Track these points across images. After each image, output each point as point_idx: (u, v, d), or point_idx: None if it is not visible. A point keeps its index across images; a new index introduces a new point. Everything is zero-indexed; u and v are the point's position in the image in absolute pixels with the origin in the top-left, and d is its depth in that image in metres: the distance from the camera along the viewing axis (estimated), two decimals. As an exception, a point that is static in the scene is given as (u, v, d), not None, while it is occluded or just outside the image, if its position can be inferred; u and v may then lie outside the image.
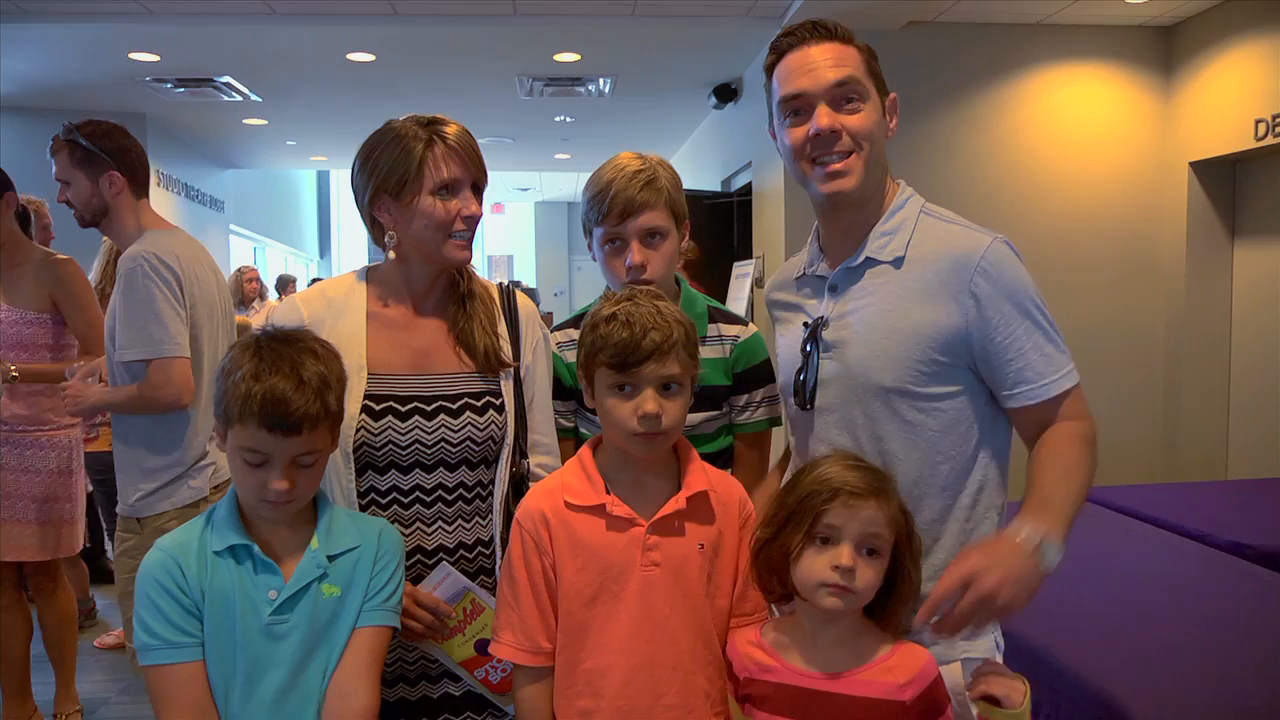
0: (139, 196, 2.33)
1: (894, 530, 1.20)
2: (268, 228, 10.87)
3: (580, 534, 1.29)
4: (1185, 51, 4.70)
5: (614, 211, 1.58)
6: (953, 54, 4.73)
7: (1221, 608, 2.40)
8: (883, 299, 1.34)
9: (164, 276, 2.14)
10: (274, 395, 1.18)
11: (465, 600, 1.46)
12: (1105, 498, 3.58)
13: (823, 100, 1.32)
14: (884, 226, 1.37)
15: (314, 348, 1.27)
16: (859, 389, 1.35)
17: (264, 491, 1.22)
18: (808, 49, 1.34)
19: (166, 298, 2.14)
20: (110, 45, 5.01)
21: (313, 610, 1.27)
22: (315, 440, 1.24)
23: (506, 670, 1.45)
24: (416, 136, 1.43)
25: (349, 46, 5.09)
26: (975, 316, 1.29)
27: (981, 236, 1.33)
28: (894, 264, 1.35)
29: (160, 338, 2.12)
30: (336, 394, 1.27)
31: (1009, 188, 4.81)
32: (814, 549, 1.20)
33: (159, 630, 1.22)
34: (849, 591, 1.18)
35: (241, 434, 1.21)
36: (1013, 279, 1.30)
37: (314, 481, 1.28)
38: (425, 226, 1.45)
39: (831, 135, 1.32)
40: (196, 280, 2.25)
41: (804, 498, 1.20)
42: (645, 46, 5.14)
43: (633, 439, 1.27)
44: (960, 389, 1.33)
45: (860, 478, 1.20)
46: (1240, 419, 4.68)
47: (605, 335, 1.26)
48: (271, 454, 1.21)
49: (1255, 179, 4.54)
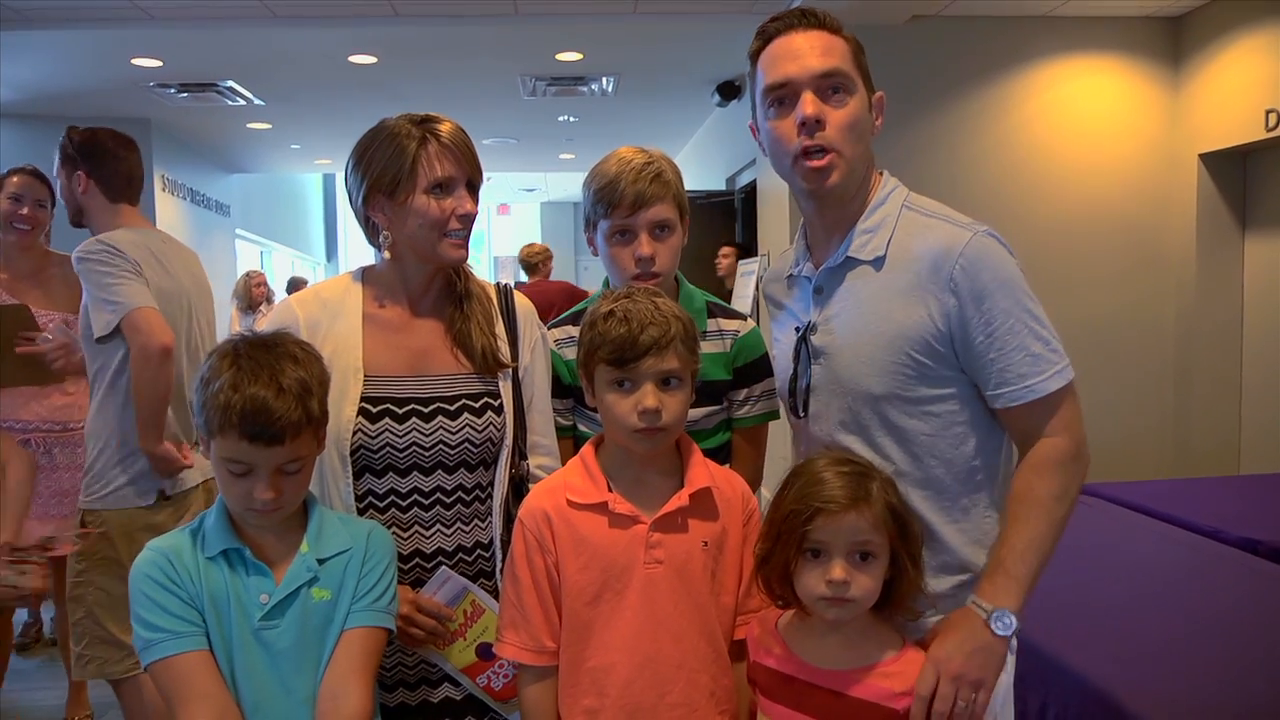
0: (114, 200, 2.38)
1: (884, 531, 1.20)
2: (274, 231, 10.89)
3: (583, 532, 1.28)
4: (1194, 42, 4.66)
5: (624, 204, 1.56)
6: (958, 48, 4.70)
7: (1233, 604, 2.38)
8: (864, 302, 1.32)
9: (114, 260, 2.20)
10: (254, 405, 1.16)
11: (465, 602, 1.45)
12: (1116, 493, 3.55)
13: (808, 89, 1.29)
14: (865, 224, 1.34)
15: (293, 352, 1.25)
16: (848, 396, 1.33)
17: (250, 501, 1.21)
18: (794, 36, 1.32)
19: (120, 272, 2.20)
20: (112, 51, 5.01)
21: (303, 614, 1.26)
22: (299, 448, 1.22)
23: (508, 676, 1.44)
24: (410, 135, 1.41)
25: (351, 49, 5.09)
26: (956, 315, 1.25)
27: (961, 231, 1.28)
28: (874, 264, 1.32)
29: (122, 298, 2.18)
30: (318, 398, 1.25)
31: (1017, 182, 4.78)
32: (808, 563, 1.21)
33: (160, 623, 1.20)
34: (847, 602, 1.19)
35: (224, 445, 1.19)
36: (994, 274, 1.25)
37: (300, 487, 1.27)
38: (420, 225, 1.43)
39: (816, 124, 1.28)
40: (164, 273, 2.32)
41: (788, 515, 1.21)
42: (648, 44, 5.12)
43: (634, 435, 1.26)
44: (952, 391, 1.30)
45: (841, 487, 1.19)
46: (1252, 412, 4.64)
47: (603, 331, 1.26)
48: (255, 464, 1.20)
49: (1266, 170, 4.50)
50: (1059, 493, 1.24)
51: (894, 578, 1.22)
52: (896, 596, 1.23)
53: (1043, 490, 1.24)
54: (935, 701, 1.17)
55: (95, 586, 2.24)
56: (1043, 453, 1.26)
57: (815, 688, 1.23)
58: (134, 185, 2.44)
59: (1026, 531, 1.22)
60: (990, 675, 1.18)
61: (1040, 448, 1.26)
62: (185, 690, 1.18)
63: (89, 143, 2.36)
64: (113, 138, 2.40)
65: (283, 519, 1.27)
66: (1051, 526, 1.23)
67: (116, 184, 2.38)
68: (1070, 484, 1.25)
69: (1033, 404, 1.25)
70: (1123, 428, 4.79)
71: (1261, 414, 4.57)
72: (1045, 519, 1.23)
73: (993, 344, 1.25)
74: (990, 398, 1.28)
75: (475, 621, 1.45)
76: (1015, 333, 1.24)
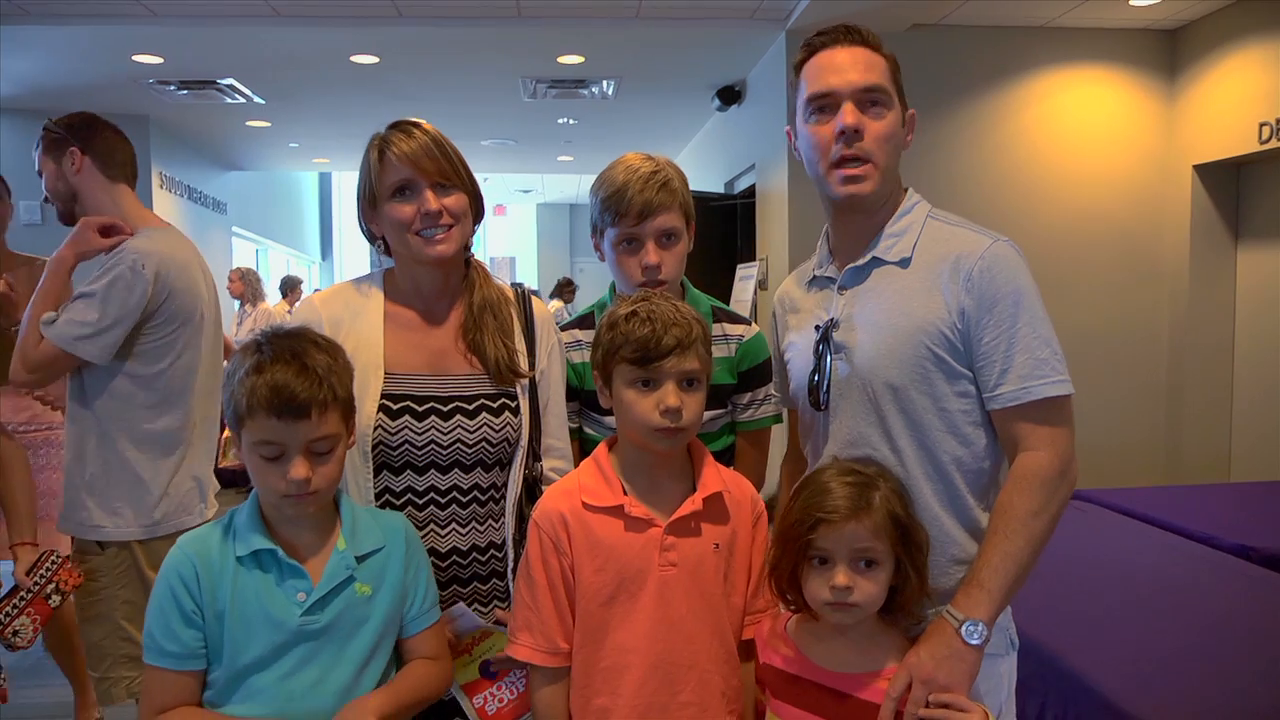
0: (113, 179, 2.18)
1: (887, 538, 1.23)
2: (270, 230, 10.87)
3: (599, 534, 1.30)
4: (1189, 55, 4.70)
5: (631, 212, 1.59)
6: (957, 57, 4.73)
7: (1227, 611, 2.40)
8: (888, 298, 1.36)
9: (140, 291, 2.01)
10: (279, 381, 1.19)
11: (476, 632, 1.47)
12: (1110, 500, 3.59)
13: (849, 100, 1.34)
14: (892, 229, 1.39)
15: (316, 339, 1.28)
16: (869, 389, 1.35)
17: (284, 485, 1.21)
18: (839, 50, 1.37)
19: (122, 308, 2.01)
20: (113, 47, 5.00)
21: (345, 609, 1.28)
22: (326, 424, 1.23)
23: (504, 702, 1.45)
24: (374, 145, 1.47)
25: (352, 48, 5.09)
26: (972, 315, 1.29)
27: (983, 238, 1.34)
28: (900, 264, 1.37)
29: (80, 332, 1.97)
30: (343, 381, 1.27)
31: (1013, 190, 4.81)
32: (814, 570, 1.24)
33: (158, 636, 1.23)
34: (851, 606, 1.22)
35: (253, 429, 1.21)
36: (1011, 279, 1.29)
37: (332, 474, 1.26)
38: (391, 229, 1.48)
39: (855, 134, 1.33)
40: (186, 289, 2.13)
41: (794, 524, 1.25)
42: (649, 48, 5.14)
43: (654, 434, 1.28)
44: (968, 389, 1.33)
45: (844, 497, 1.23)
46: (1243, 422, 4.69)
47: (626, 332, 1.28)
48: (285, 442, 1.21)
49: (1259, 182, 4.54)
50: (1037, 509, 1.26)
51: (899, 584, 1.25)
52: (901, 601, 1.26)
53: (1021, 506, 1.26)
54: (908, 704, 1.20)
55: (121, 600, 2.07)
56: (1025, 467, 1.28)
57: (822, 689, 1.26)
58: (131, 168, 2.24)
59: (1003, 545, 1.25)
60: (959, 681, 1.21)
61: (1024, 461, 1.28)
62: (154, 703, 1.23)
63: (78, 120, 2.17)
64: (105, 122, 2.21)
65: (317, 508, 1.27)
66: (1029, 542, 1.25)
67: (115, 161, 2.19)
68: (1050, 501, 1.27)
69: (1027, 407, 1.27)
70: (1115, 435, 4.83)
71: (1253, 423, 4.62)
72: (1022, 534, 1.25)
73: (999, 344, 1.28)
74: (988, 399, 1.31)
75: (482, 641, 1.46)
76: (1023, 337, 1.28)
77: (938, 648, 1.23)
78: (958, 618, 1.23)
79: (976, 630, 1.22)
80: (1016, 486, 1.27)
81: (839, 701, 1.25)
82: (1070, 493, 1.30)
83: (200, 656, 1.24)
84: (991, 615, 1.23)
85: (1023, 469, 1.28)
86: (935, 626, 1.26)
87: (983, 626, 1.22)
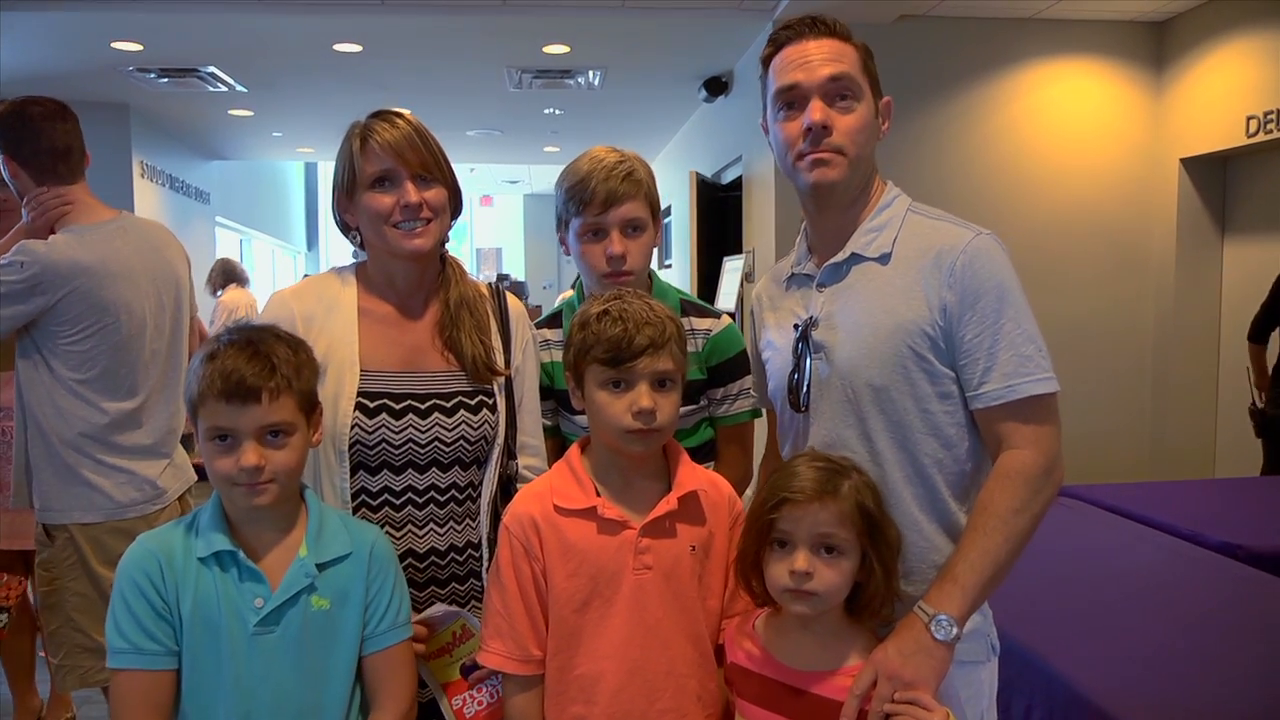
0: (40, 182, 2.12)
1: (852, 527, 1.19)
2: (255, 219, 10.77)
3: (571, 538, 1.27)
4: (1177, 47, 4.70)
5: (595, 201, 1.57)
6: (945, 48, 4.72)
7: (1214, 608, 2.39)
8: (868, 296, 1.33)
9: (16, 287, 1.98)
10: (229, 367, 1.18)
11: (456, 625, 1.44)
12: (1096, 496, 3.57)
13: (816, 94, 1.31)
14: (870, 224, 1.36)
15: (279, 333, 1.26)
16: (849, 389, 1.33)
17: (235, 474, 1.18)
18: (805, 43, 1.33)
19: (16, 290, 1.99)
20: (92, 34, 4.93)
21: (301, 623, 1.23)
22: (279, 410, 1.20)
23: (482, 705, 1.42)
24: (354, 134, 1.44)
25: (336, 37, 5.03)
26: (954, 310, 1.27)
27: (965, 231, 1.31)
28: (880, 260, 1.34)
29: None
30: (301, 374, 1.24)
31: (1000, 182, 4.81)
32: (774, 554, 1.21)
33: (129, 633, 1.18)
34: (810, 595, 1.18)
35: (205, 416, 1.19)
36: (993, 274, 1.26)
37: (288, 465, 1.22)
38: (367, 220, 1.45)
39: (823, 130, 1.30)
40: (90, 291, 2.06)
41: (757, 505, 1.22)
42: (635, 39, 5.10)
43: (626, 436, 1.24)
44: (950, 390, 1.30)
45: (812, 479, 1.20)
46: (1228, 415, 4.70)
47: (597, 332, 1.24)
48: (236, 428, 1.18)
49: (1246, 175, 4.54)
50: (1019, 506, 1.22)
51: (864, 579, 1.22)
52: (866, 599, 1.23)
53: (1002, 503, 1.23)
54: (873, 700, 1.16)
55: (72, 592, 2.13)
56: (1008, 465, 1.25)
57: (784, 686, 1.23)
58: (69, 160, 2.15)
59: (981, 542, 1.22)
60: (926, 678, 1.17)
61: (1008, 458, 1.25)
62: (131, 709, 1.19)
63: (5, 118, 2.10)
64: (38, 105, 2.12)
65: (274, 503, 1.23)
66: (1009, 540, 1.22)
67: (41, 163, 2.12)
68: (1033, 500, 1.23)
69: (1012, 406, 1.25)
70: (1099, 428, 4.84)
71: (1237, 416, 4.63)
72: (1002, 531, 1.22)
73: (982, 341, 1.25)
74: (972, 398, 1.28)
75: (463, 642, 1.43)
76: (1007, 333, 1.25)
77: (905, 643, 1.19)
78: (928, 612, 1.20)
79: (947, 626, 1.18)
80: (999, 483, 1.24)
81: (795, 698, 1.21)
82: (1055, 493, 1.27)
83: (175, 655, 1.20)
84: (964, 612, 1.20)
85: (1006, 466, 1.25)
86: (905, 622, 1.22)
87: (953, 622, 1.19)
